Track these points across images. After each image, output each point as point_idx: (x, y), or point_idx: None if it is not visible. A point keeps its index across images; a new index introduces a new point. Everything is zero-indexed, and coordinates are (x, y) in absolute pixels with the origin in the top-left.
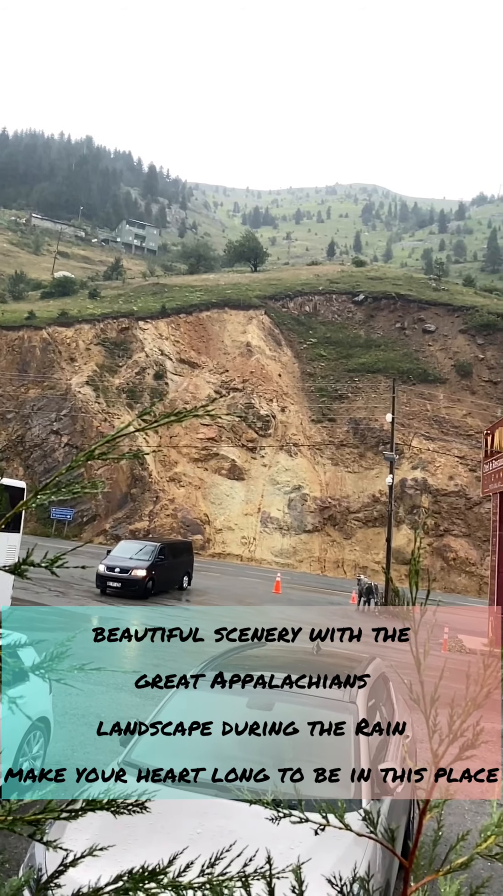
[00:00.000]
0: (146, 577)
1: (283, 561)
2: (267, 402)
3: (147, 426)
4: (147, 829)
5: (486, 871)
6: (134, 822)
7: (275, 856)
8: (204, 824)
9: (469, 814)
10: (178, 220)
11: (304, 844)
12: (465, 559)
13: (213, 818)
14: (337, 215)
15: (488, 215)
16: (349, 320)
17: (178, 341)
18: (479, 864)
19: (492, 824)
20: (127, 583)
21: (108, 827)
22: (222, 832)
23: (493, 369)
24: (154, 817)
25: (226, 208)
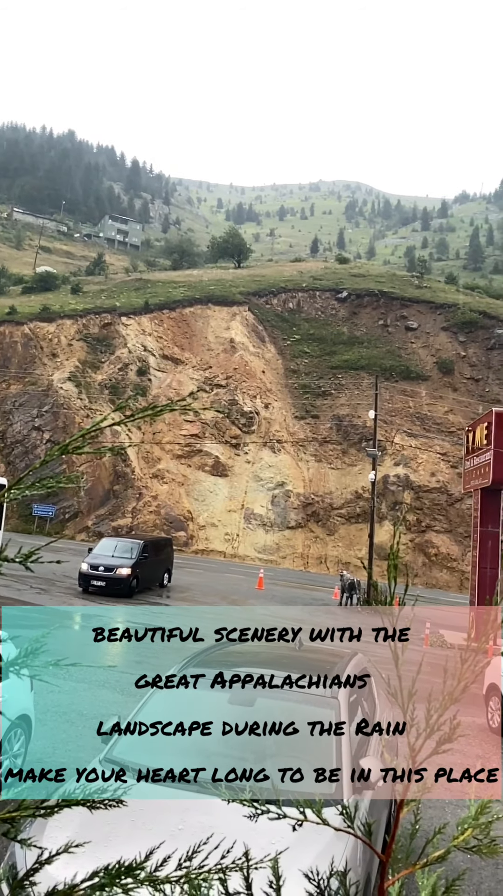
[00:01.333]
0: (131, 575)
1: (267, 557)
2: (250, 399)
3: (122, 420)
4: (128, 826)
5: (466, 863)
6: (115, 819)
7: (255, 851)
8: (186, 821)
9: (449, 807)
10: (161, 215)
11: (285, 840)
12: (447, 555)
13: (196, 815)
14: (320, 212)
15: (470, 213)
16: (332, 317)
17: (161, 337)
18: (460, 857)
19: (469, 817)
20: (112, 581)
21: (88, 824)
22: (204, 828)
23: (475, 366)
24: (136, 814)
25: (209, 204)
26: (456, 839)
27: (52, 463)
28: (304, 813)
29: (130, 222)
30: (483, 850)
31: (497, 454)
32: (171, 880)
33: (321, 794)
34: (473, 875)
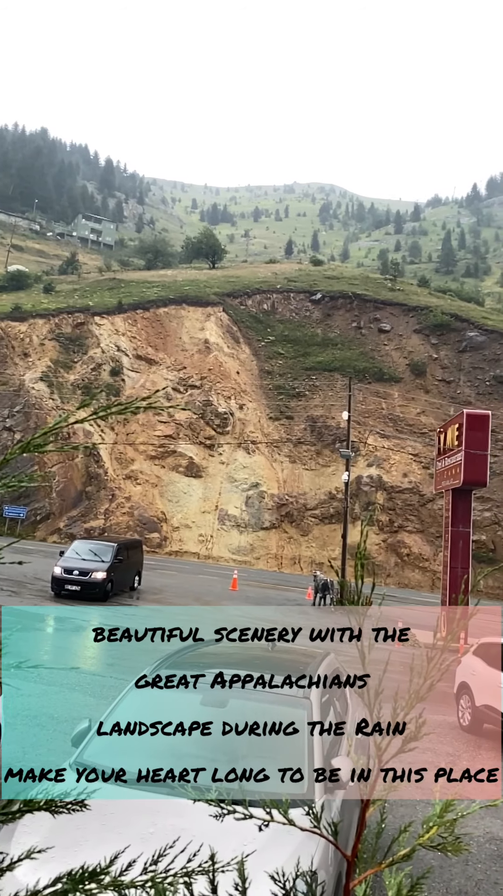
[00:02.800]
0: (106, 578)
1: (241, 558)
2: (225, 400)
3: (86, 418)
4: (99, 830)
5: (438, 860)
6: (85, 823)
7: (226, 853)
8: (157, 823)
9: (420, 804)
10: (135, 215)
11: (257, 841)
12: (419, 555)
13: (167, 817)
14: (295, 214)
15: (443, 217)
16: (307, 319)
17: (135, 337)
18: (430, 855)
19: (434, 815)
20: (87, 586)
21: (58, 829)
22: (176, 830)
23: (446, 368)
24: (106, 817)
25: (184, 204)
26: (421, 837)
27: (23, 464)
28: (271, 813)
29: (104, 221)
30: (448, 847)
31: (468, 455)
32: (137, 884)
33: (293, 794)
34: (443, 872)
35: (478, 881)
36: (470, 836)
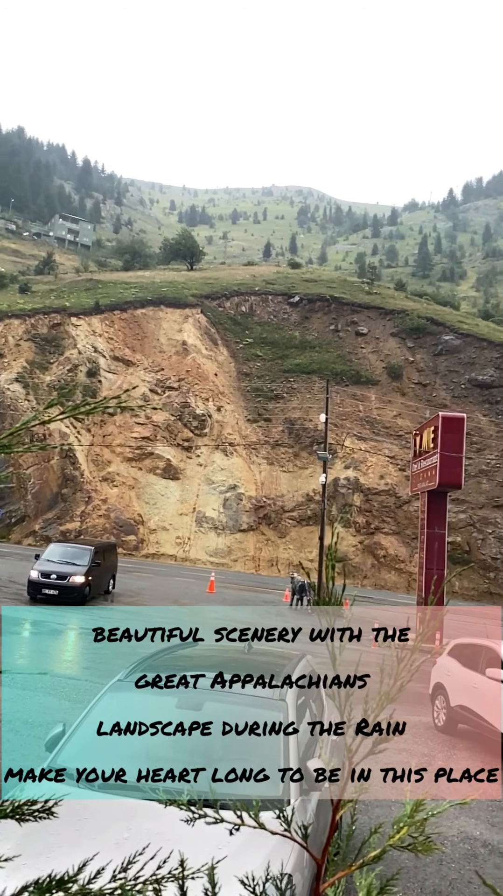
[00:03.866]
0: (85, 583)
1: (218, 560)
2: (203, 402)
3: (54, 417)
4: (73, 835)
5: (412, 860)
6: (59, 829)
7: (199, 858)
8: (131, 828)
9: (395, 805)
10: (112, 215)
11: (232, 845)
12: (395, 556)
13: (142, 821)
14: (273, 216)
15: (419, 222)
16: (285, 321)
17: (112, 338)
18: (405, 855)
19: (404, 815)
20: (65, 590)
21: (31, 835)
22: (150, 835)
23: (423, 372)
24: (81, 822)
25: (162, 205)
26: (392, 838)
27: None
28: (241, 816)
29: (81, 222)
30: (418, 847)
31: (443, 457)
32: (105, 892)
33: (268, 795)
34: (418, 872)
35: (451, 880)
36: (443, 835)
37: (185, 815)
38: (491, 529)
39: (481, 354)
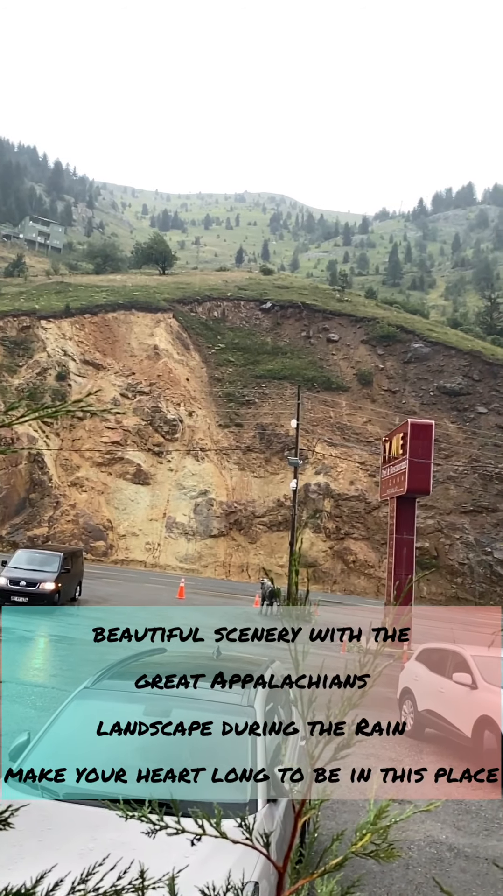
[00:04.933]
0: (55, 589)
1: (188, 566)
2: (174, 406)
3: (13, 421)
4: (37, 846)
5: (378, 865)
6: (23, 840)
7: (164, 867)
8: (97, 838)
9: (363, 811)
10: (84, 218)
11: (200, 852)
12: (365, 561)
13: (107, 831)
14: (245, 223)
15: (390, 230)
16: (257, 327)
17: (83, 342)
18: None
19: (367, 822)
20: (35, 597)
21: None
22: (115, 845)
23: (392, 379)
24: (45, 833)
25: (134, 209)
26: (354, 845)
27: None
28: (203, 826)
29: (52, 224)
30: (381, 854)
31: (412, 464)
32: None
33: (235, 802)
34: (384, 877)
35: (418, 885)
36: (410, 840)
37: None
38: (458, 535)
39: (449, 362)
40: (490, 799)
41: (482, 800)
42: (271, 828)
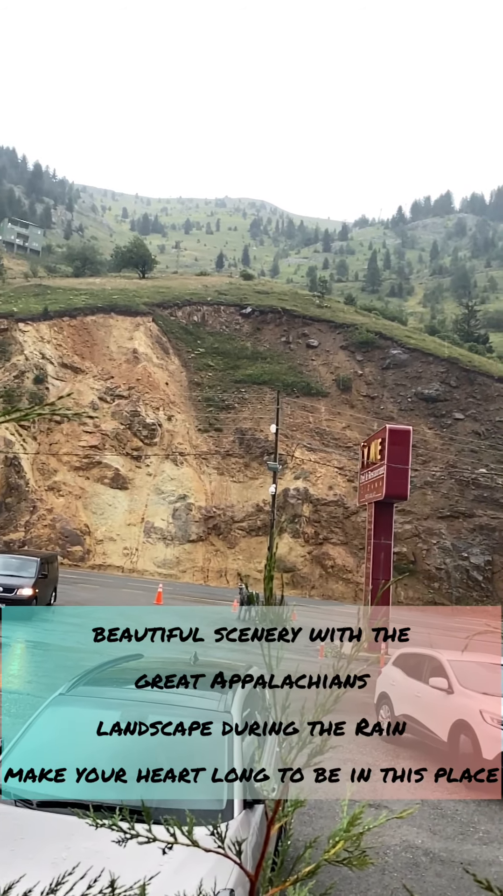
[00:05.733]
0: (33, 595)
1: (166, 571)
2: (153, 411)
3: None
4: (9, 856)
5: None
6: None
7: (139, 875)
8: (70, 847)
9: (340, 816)
10: (63, 221)
11: (175, 860)
12: (343, 566)
13: (81, 839)
14: (226, 228)
15: (369, 237)
16: (237, 332)
17: (61, 345)
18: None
19: (340, 829)
20: (12, 603)
21: None
22: (88, 854)
23: (371, 385)
24: (18, 842)
25: (114, 213)
26: (327, 853)
27: None
28: (175, 834)
29: (31, 226)
30: (353, 861)
31: (390, 469)
32: None
33: (212, 809)
34: (360, 882)
35: (394, 890)
36: (386, 845)
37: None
38: (435, 540)
39: (427, 369)
40: (464, 800)
41: (458, 802)
42: (247, 834)
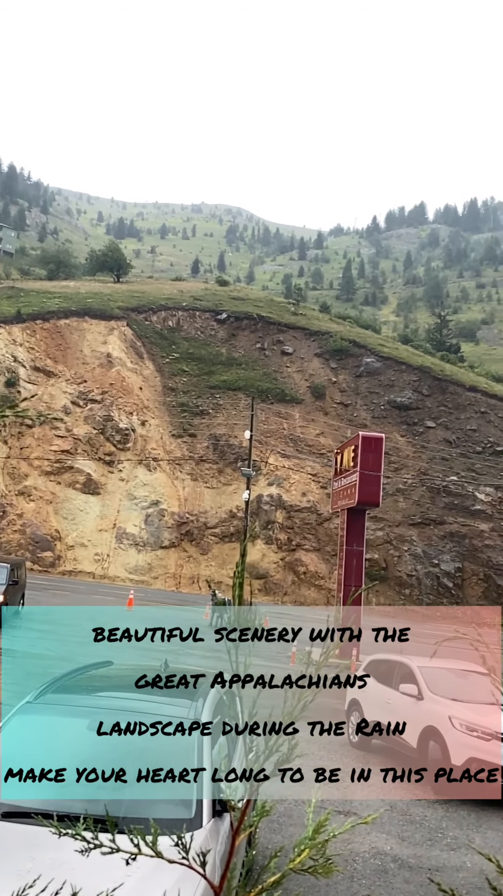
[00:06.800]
0: (4, 601)
1: (138, 578)
2: (126, 415)
3: None
4: None
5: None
6: None
7: (103, 886)
8: (36, 857)
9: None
10: (38, 224)
11: (142, 870)
12: (315, 573)
13: (47, 850)
14: (202, 234)
15: (344, 246)
16: (212, 337)
17: (34, 348)
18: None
19: (306, 837)
20: None
21: None
22: (55, 864)
23: (345, 392)
24: None
25: (89, 216)
26: (292, 862)
27: None
28: (139, 845)
29: (4, 228)
30: (319, 870)
31: (362, 476)
32: None
33: (179, 818)
34: (329, 889)
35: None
36: (355, 851)
37: (88, 843)
38: (407, 547)
39: (400, 377)
40: (432, 806)
41: (426, 808)
42: (215, 844)
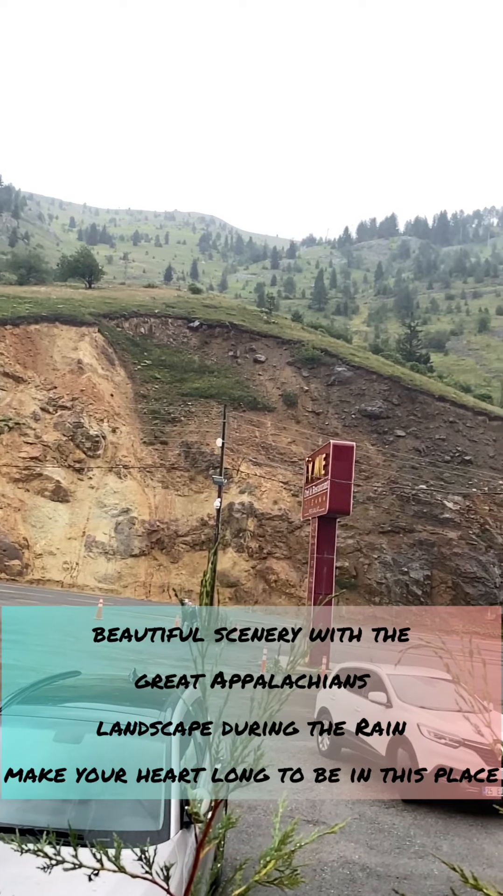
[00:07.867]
0: None
1: (107, 587)
2: (97, 422)
3: None
4: None
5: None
6: None
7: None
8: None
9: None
10: (8, 228)
11: (107, 884)
12: (286, 581)
13: (9, 865)
14: (175, 241)
15: (316, 256)
16: (184, 345)
17: (3, 353)
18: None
19: (272, 848)
20: None
21: None
22: (17, 879)
23: (316, 401)
24: None
25: (61, 222)
26: (258, 873)
27: None
28: (101, 860)
29: None
30: (285, 881)
31: (333, 484)
32: None
33: (146, 829)
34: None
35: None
36: (323, 861)
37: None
38: (377, 555)
39: (371, 386)
40: (400, 814)
41: (395, 816)
42: (183, 856)
